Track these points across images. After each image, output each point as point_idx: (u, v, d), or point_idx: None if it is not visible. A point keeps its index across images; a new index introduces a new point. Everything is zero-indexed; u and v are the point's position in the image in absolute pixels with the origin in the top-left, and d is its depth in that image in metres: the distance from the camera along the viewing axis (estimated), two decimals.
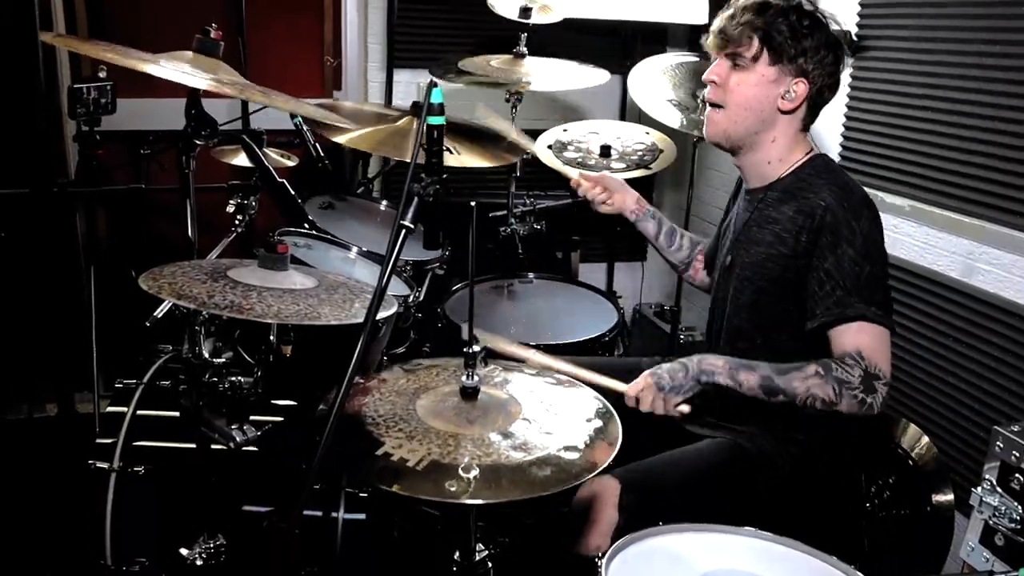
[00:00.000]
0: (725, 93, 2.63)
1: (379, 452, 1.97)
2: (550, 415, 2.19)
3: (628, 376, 2.55)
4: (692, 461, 2.59)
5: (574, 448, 2.04)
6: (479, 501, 1.86)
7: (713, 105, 2.67)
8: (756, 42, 2.56)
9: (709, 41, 2.68)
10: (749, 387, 2.43)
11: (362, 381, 2.32)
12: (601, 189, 3.12)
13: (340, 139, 3.34)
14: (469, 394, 2.18)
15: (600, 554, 1.91)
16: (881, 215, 3.60)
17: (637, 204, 3.14)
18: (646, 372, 2.50)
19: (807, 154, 2.65)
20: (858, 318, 2.39)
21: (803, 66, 2.55)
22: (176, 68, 2.33)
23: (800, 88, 2.56)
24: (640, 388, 2.48)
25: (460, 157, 3.28)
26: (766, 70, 2.57)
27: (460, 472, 1.91)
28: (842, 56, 2.61)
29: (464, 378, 2.17)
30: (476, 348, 2.15)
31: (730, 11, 2.63)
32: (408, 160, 3.04)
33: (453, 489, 1.86)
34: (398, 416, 2.13)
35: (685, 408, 2.47)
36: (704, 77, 2.70)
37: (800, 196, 2.55)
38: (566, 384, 2.40)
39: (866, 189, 2.69)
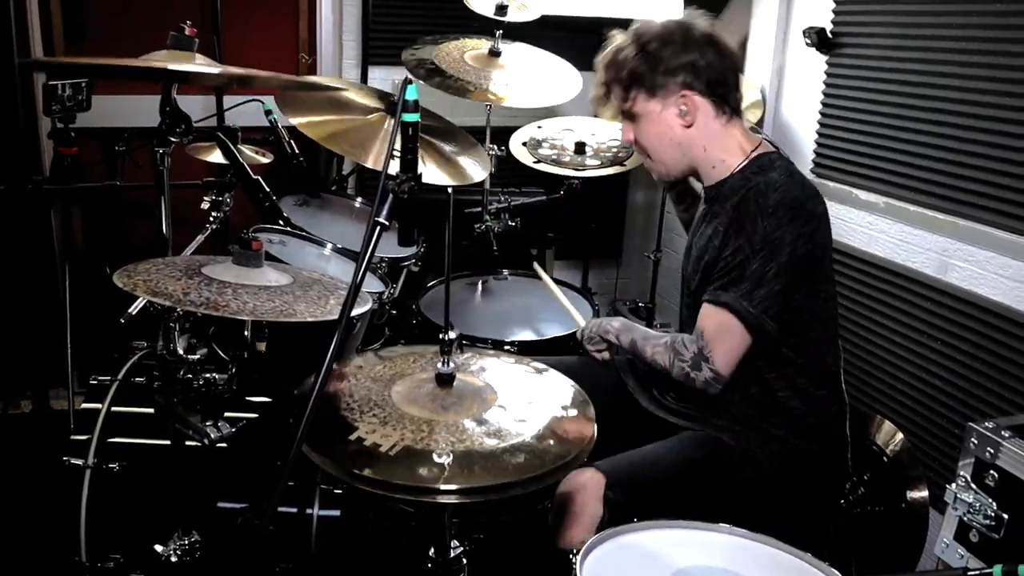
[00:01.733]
0: (641, 146, 2.72)
1: (352, 437, 1.97)
2: (525, 403, 2.19)
3: (584, 369, 2.78)
4: (675, 456, 2.61)
5: (548, 436, 2.04)
6: (453, 499, 1.85)
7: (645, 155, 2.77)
8: (624, 91, 2.64)
9: (599, 111, 2.80)
10: (628, 347, 2.73)
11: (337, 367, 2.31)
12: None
13: (298, 121, 3.31)
14: (445, 381, 2.17)
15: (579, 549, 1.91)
16: (856, 212, 3.66)
17: None
18: (590, 321, 2.95)
19: (754, 150, 2.62)
20: (724, 306, 2.47)
21: (676, 81, 2.57)
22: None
23: (688, 101, 2.57)
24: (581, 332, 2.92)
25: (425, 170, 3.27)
26: (650, 106, 2.61)
27: (433, 458, 1.90)
28: (714, 41, 2.59)
29: (440, 365, 2.17)
30: (452, 335, 2.15)
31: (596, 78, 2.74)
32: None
33: (425, 475, 1.86)
34: (373, 401, 2.12)
35: (606, 355, 2.87)
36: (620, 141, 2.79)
37: (739, 193, 2.54)
38: (542, 372, 2.40)
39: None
